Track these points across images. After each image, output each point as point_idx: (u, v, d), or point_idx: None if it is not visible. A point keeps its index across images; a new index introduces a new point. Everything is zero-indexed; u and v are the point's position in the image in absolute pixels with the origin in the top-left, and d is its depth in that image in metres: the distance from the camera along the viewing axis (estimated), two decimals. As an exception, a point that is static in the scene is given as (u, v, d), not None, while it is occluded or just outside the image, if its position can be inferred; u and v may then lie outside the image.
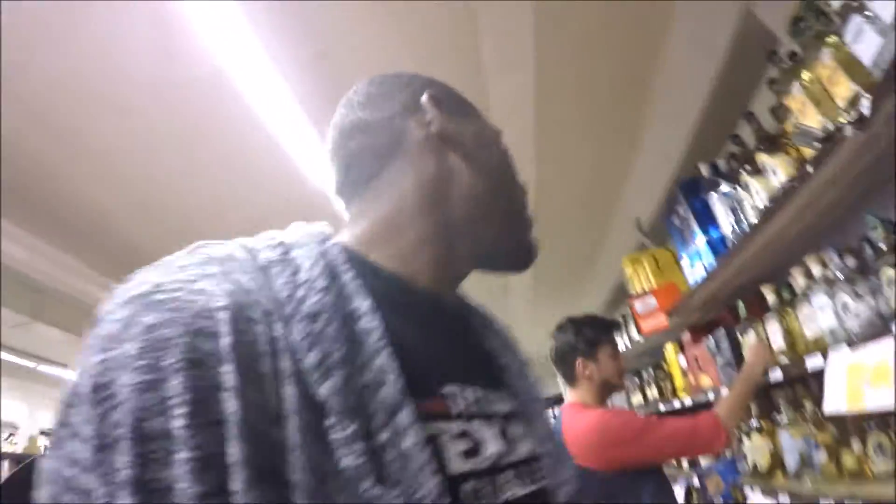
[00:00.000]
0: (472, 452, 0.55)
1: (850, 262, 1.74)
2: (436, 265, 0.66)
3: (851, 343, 1.61)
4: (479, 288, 0.84)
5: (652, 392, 3.64)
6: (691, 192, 2.46)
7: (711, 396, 2.61)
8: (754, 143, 1.99)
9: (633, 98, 3.06)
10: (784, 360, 1.96)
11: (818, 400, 2.05)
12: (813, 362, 1.76)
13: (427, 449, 0.48)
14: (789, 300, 2.04)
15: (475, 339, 0.73)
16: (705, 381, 2.75)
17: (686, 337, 3.06)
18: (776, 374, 1.97)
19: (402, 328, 0.54)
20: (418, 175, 0.67)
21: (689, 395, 3.02)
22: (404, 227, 0.65)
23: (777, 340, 2.03)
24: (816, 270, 1.82)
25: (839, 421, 1.93)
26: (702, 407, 3.22)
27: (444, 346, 0.64)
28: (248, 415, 0.41)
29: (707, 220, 2.38)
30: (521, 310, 6.37)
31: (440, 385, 0.57)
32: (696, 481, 2.91)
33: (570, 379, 2.26)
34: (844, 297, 1.67)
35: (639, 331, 3.36)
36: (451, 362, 0.63)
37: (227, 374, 0.42)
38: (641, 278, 3.35)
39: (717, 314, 2.80)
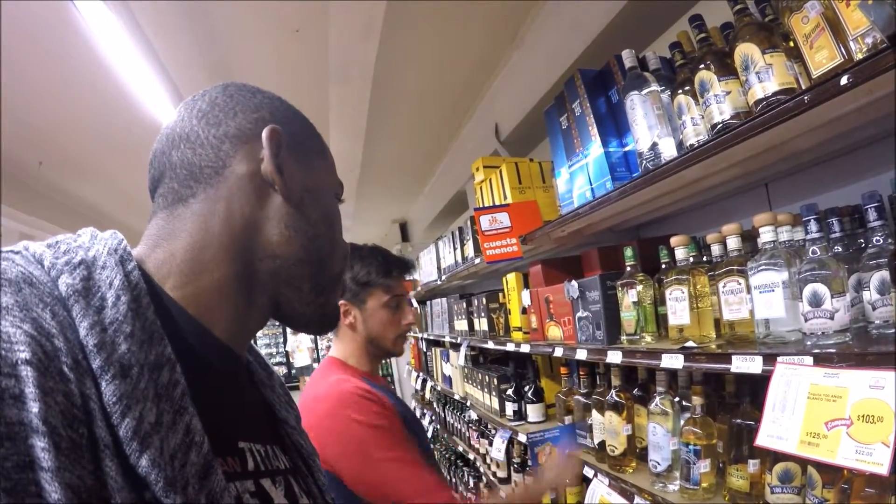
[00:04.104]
0: None
1: (836, 231, 1.16)
2: (233, 317, 0.64)
3: (821, 358, 1.05)
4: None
5: (481, 324, 3.09)
6: (596, 88, 1.75)
7: (559, 353, 2.07)
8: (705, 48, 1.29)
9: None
10: (691, 343, 1.40)
11: (712, 397, 1.56)
12: (744, 364, 1.20)
13: None
14: (708, 263, 1.46)
15: (257, 392, 0.75)
16: (554, 331, 2.20)
17: (536, 270, 2.49)
18: (673, 360, 1.41)
19: (199, 379, 0.54)
20: (229, 212, 0.63)
21: (528, 340, 2.48)
22: (206, 268, 0.62)
23: (680, 314, 1.47)
24: (768, 233, 1.23)
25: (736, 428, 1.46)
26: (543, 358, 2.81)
27: (235, 401, 0.65)
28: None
29: (611, 127, 1.70)
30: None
31: (234, 441, 0.60)
32: (522, 437, 2.45)
33: None
34: (815, 285, 1.10)
35: (479, 252, 2.74)
36: (242, 417, 0.65)
37: (42, 450, 0.39)
38: (495, 189, 2.68)
39: (582, 252, 2.23)
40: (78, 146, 3.78)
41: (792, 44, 1.07)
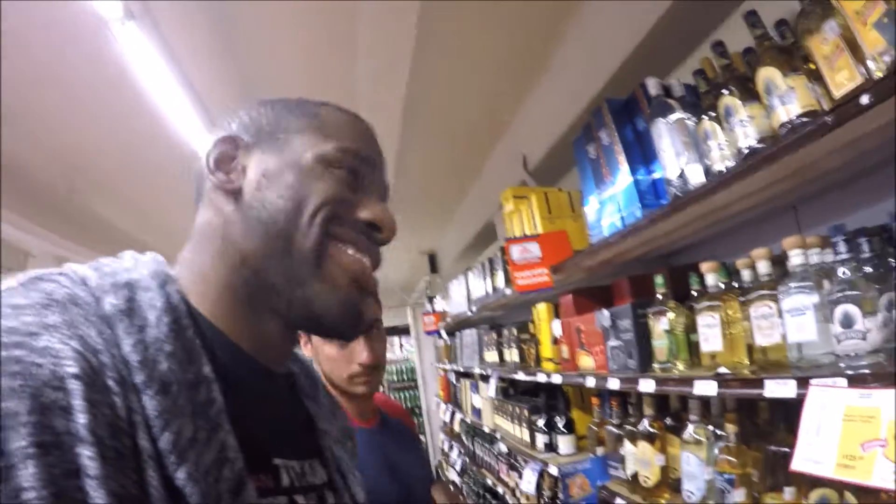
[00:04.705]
0: None
1: (865, 252, 1.15)
2: (247, 330, 0.64)
3: (854, 379, 1.04)
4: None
5: (512, 355, 3.09)
6: (622, 117, 1.79)
7: (591, 383, 2.05)
8: (727, 73, 1.32)
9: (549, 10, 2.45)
10: (723, 370, 1.39)
11: (746, 425, 1.53)
12: (777, 388, 1.19)
13: None
14: (738, 289, 1.46)
15: (299, 403, 0.75)
16: (586, 361, 2.19)
17: (567, 300, 2.49)
18: (707, 387, 1.40)
19: (235, 396, 0.55)
20: (207, 224, 0.66)
21: (559, 371, 2.47)
22: (208, 278, 0.64)
23: (712, 341, 1.46)
24: (797, 255, 1.22)
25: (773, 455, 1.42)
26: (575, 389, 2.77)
27: (271, 417, 0.66)
28: None
29: (638, 155, 1.73)
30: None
31: (268, 458, 0.61)
32: (553, 470, 2.41)
33: None
34: (846, 306, 1.09)
35: (510, 282, 2.76)
36: (277, 433, 0.65)
37: (89, 459, 0.41)
38: (525, 219, 2.71)
39: (613, 281, 2.24)
40: (112, 172, 3.89)
41: (812, 65, 1.09)
